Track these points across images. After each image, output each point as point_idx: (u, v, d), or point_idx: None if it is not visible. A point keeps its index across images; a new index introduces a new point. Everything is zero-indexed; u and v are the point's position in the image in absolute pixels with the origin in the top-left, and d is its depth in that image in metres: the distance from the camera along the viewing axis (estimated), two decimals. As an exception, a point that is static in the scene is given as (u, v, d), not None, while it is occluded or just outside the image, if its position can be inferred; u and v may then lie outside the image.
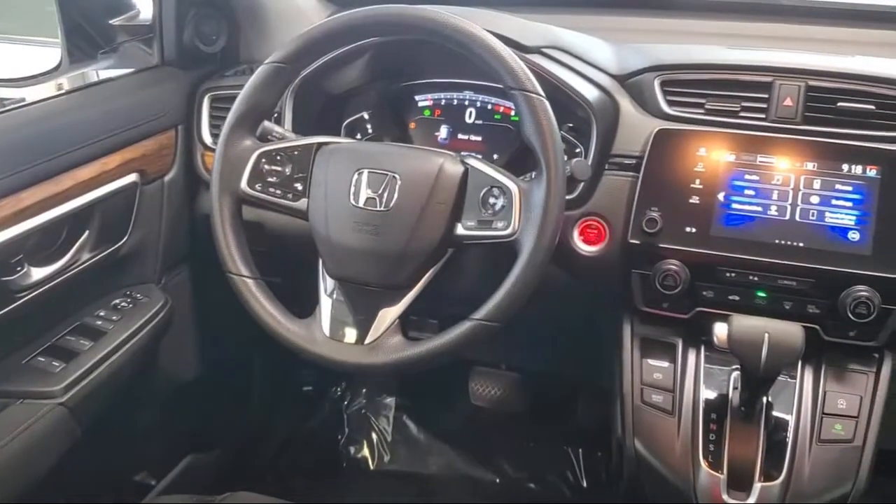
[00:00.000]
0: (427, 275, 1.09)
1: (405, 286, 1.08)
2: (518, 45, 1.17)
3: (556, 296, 1.20)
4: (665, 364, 1.14)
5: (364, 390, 2.01)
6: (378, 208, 1.06)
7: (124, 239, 1.31)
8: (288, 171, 1.12)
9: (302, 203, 1.12)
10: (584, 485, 1.83)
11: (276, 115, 1.26)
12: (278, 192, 1.12)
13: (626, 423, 1.13)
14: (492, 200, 1.05)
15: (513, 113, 1.31)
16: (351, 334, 1.09)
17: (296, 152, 1.12)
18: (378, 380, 2.00)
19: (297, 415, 2.00)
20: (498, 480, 1.86)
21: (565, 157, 1.03)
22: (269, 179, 1.13)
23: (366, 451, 1.94)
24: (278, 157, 1.12)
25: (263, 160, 1.12)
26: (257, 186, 1.12)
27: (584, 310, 1.29)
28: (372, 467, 1.92)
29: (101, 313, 1.30)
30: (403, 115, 1.39)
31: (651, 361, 1.15)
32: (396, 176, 1.06)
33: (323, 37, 1.11)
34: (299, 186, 1.12)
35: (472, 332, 1.03)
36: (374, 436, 1.96)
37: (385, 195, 1.06)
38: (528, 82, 1.03)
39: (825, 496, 1.06)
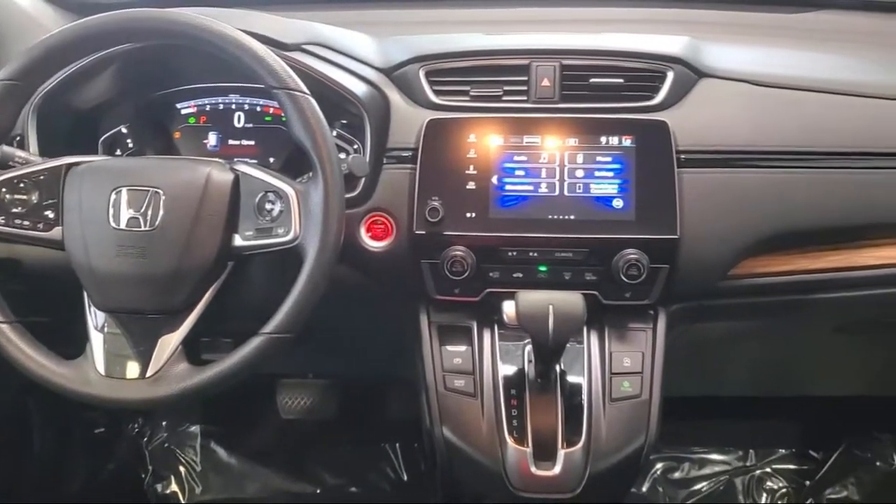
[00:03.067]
0: (208, 293, 1.03)
1: (184, 308, 1.01)
2: (276, 44, 1.12)
3: (350, 296, 1.18)
4: (463, 348, 1.16)
5: (164, 423, 1.89)
6: (142, 228, 0.98)
7: None
8: (35, 198, 1.02)
9: (56, 232, 1.02)
10: (405, 479, 1.84)
11: (17, 137, 1.14)
12: (26, 223, 1.01)
13: (432, 412, 1.14)
14: (268, 206, 1.01)
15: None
16: (132, 368, 1.01)
17: (42, 177, 1.02)
18: (178, 409, 1.88)
19: (92, 461, 1.83)
20: (318, 491, 1.83)
21: (343, 155, 1.01)
22: (14, 210, 1.01)
23: (174, 487, 1.83)
24: (21, 185, 1.01)
25: (4, 190, 1.01)
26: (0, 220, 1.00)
27: (380, 306, 1.27)
28: (184, 502, 1.81)
29: None
30: (166, 125, 1.31)
31: (449, 348, 1.16)
32: (159, 191, 0.99)
33: (58, 48, 1.01)
34: (51, 214, 1.02)
35: (263, 347, 0.98)
36: (181, 469, 1.85)
37: (149, 213, 0.98)
38: (290, 80, 0.99)
39: (623, 451, 1.11)
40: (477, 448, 1.10)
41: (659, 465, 1.90)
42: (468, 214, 1.12)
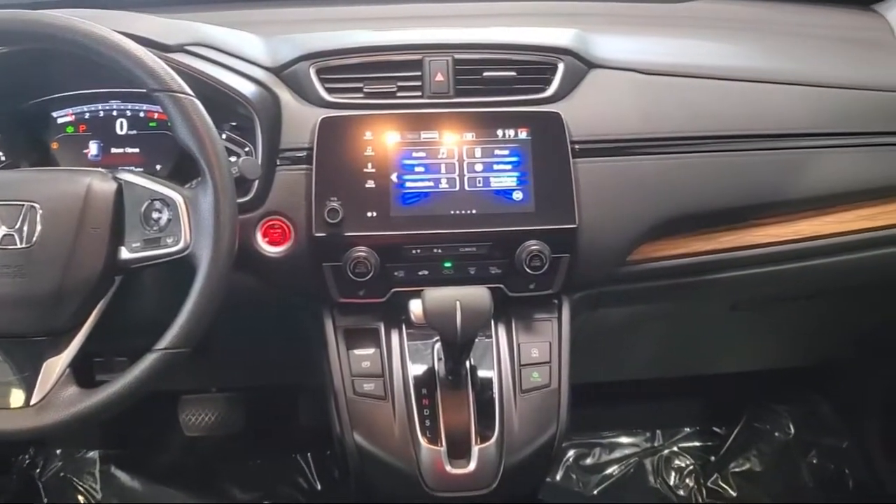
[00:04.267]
0: (95, 311, 0.97)
1: (70, 329, 0.95)
2: (157, 45, 1.08)
3: (250, 304, 1.14)
4: (371, 351, 1.13)
5: (58, 451, 1.78)
6: (18, 246, 0.92)
7: None
8: None
9: (-78, 255, 0.93)
10: (319, 488, 1.80)
11: None
12: None
13: (342, 419, 1.11)
14: (155, 215, 0.96)
15: (169, 119, 1.21)
16: (15, 396, 0.94)
17: None
18: (73, 436, 1.78)
19: (-22, 498, 1.72)
20: (230, 507, 1.76)
21: (234, 158, 0.98)
22: None
23: (74, 518, 1.72)
24: None
25: None
26: None
27: (282, 312, 1.24)
28: (85, 534, 1.72)
29: None
30: (41, 135, 1.23)
31: (357, 351, 1.13)
32: (35, 205, 0.93)
33: None
34: (-84, 237, 0.93)
35: (158, 364, 0.93)
36: (80, 498, 1.75)
37: (25, 229, 0.92)
38: (172, 82, 0.94)
39: (536, 442, 1.12)
40: (390, 452, 1.09)
41: (571, 453, 1.92)
42: (369, 214, 1.10)
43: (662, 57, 1.28)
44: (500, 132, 1.14)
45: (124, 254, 0.96)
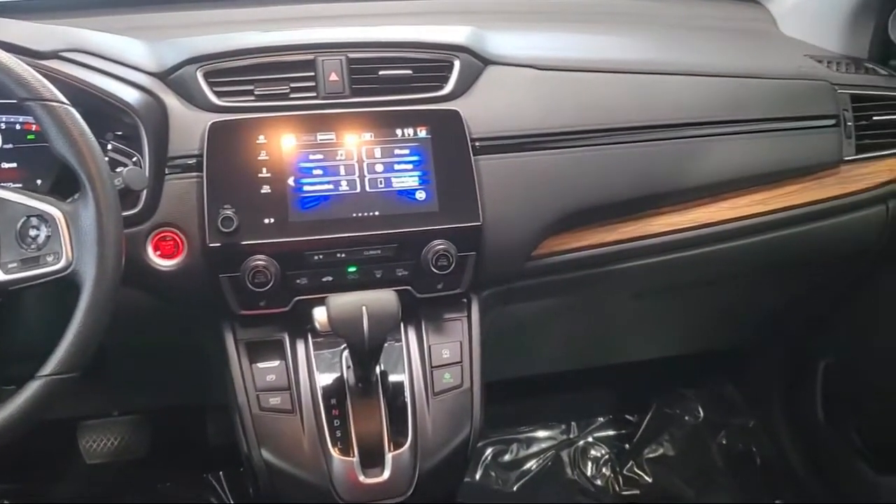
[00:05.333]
0: (-31, 338, 0.90)
1: (-54, 358, 0.87)
2: (28, 52, 1.01)
3: (144, 321, 1.09)
4: (276, 363, 1.09)
5: (-58, 492, 1.66)
6: None
7: None
8: None
9: None
10: (233, 506, 1.74)
11: None
12: None
13: (248, 436, 1.07)
14: (32, 233, 0.90)
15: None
16: None
17: None
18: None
19: None
20: (138, 535, 1.68)
21: (120, 169, 0.93)
22: None
23: (-35, 561, 1.61)
24: None
25: None
26: None
27: (180, 328, 1.18)
28: (-21, 577, 1.60)
29: None
30: None
31: (261, 365, 1.09)
32: None
33: None
34: None
35: (43, 391, 0.87)
36: (-27, 539, 1.63)
37: None
38: (44, 91, 0.88)
39: (451, 444, 1.10)
40: (300, 466, 1.05)
41: (489, 451, 1.92)
42: (266, 220, 1.06)
43: (557, 52, 1.29)
44: (399, 131, 1.12)
45: (0, 276, 0.89)
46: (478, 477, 1.89)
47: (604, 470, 1.92)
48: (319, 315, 1.03)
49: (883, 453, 1.69)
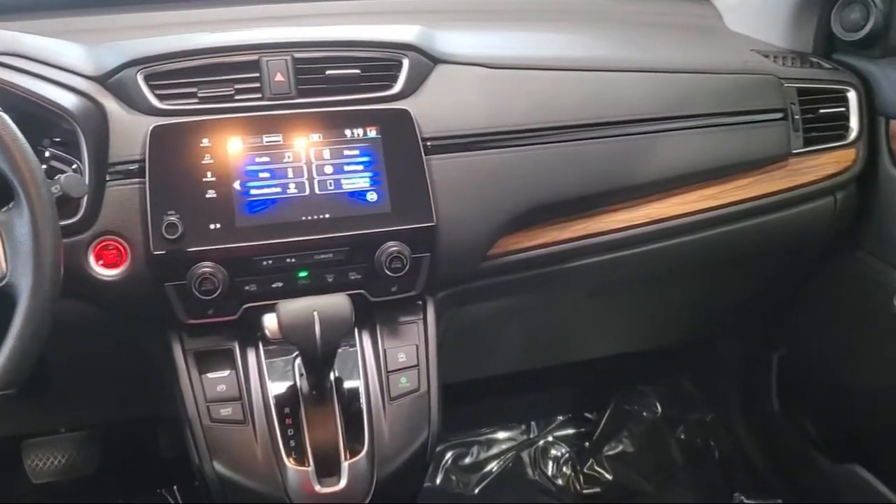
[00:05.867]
0: None
1: None
2: (-47, 57, 0.96)
3: (87, 333, 1.07)
4: (226, 373, 1.06)
5: None
6: None
7: None
8: None
9: None
10: (188, 521, 1.69)
11: None
12: None
13: (200, 449, 1.03)
14: None
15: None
16: None
17: None
18: None
19: None
20: (89, 556, 1.62)
21: (58, 176, 0.89)
22: None
23: None
24: None
25: None
26: None
27: (125, 340, 1.14)
28: None
29: None
30: None
31: (211, 375, 1.06)
32: None
33: None
34: None
35: (-23, 409, 0.83)
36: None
37: None
38: None
39: (409, 450, 1.09)
40: (254, 478, 1.02)
41: (449, 454, 1.91)
42: (212, 226, 1.03)
43: (507, 50, 1.28)
44: (348, 132, 1.10)
45: (-71, 290, 0.85)
46: (438, 481, 1.87)
47: (564, 469, 1.92)
48: (269, 322, 1.01)
49: (837, 443, 1.72)
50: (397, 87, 1.14)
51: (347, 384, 1.09)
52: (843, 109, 1.36)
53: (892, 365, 1.47)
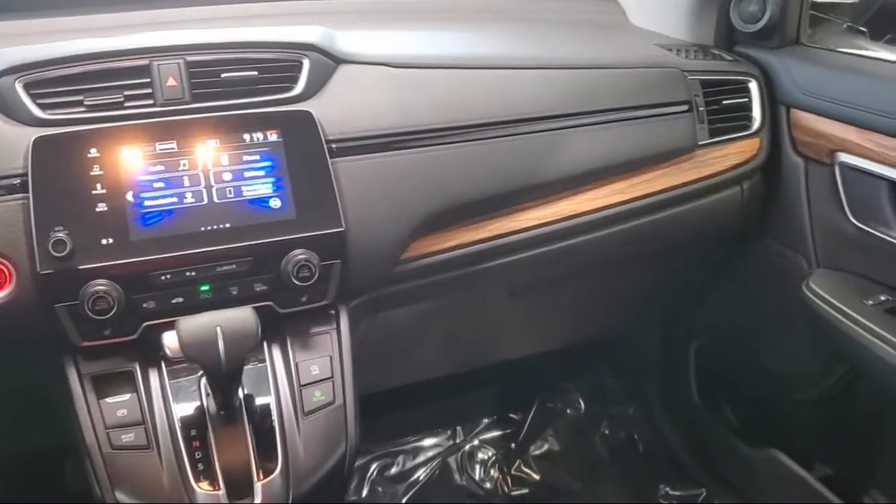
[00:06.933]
0: None
1: None
2: None
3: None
4: (126, 397, 1.00)
5: None
6: None
7: None
8: None
9: None
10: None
11: None
12: None
13: (100, 479, 0.97)
14: None
15: None
16: None
17: None
18: None
19: None
20: None
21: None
22: None
23: None
24: None
25: None
26: None
27: (14, 366, 1.07)
28: None
29: None
30: None
31: (110, 399, 0.99)
32: None
33: None
34: None
35: None
36: None
37: None
38: None
39: (326, 465, 1.05)
40: (160, 505, 0.96)
41: (374, 465, 1.86)
42: (104, 241, 0.97)
43: (413, 49, 1.26)
44: (247, 136, 1.05)
45: None
46: (364, 493, 1.83)
47: (492, 472, 1.90)
48: (169, 340, 0.96)
49: (754, 428, 1.75)
50: (298, 89, 1.10)
51: (258, 401, 1.04)
52: (745, 100, 1.38)
53: (804, 349, 1.51)
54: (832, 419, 1.57)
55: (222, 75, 1.08)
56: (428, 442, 1.94)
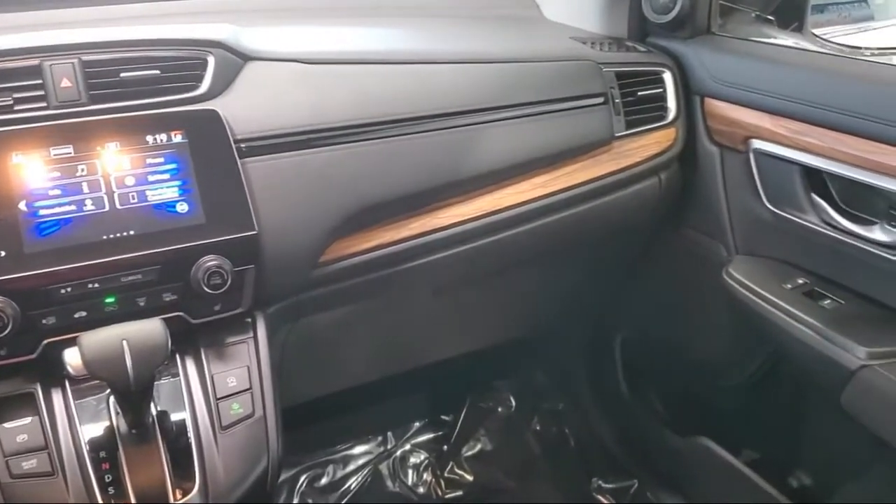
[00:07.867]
0: None
1: None
2: None
3: None
4: (27, 421, 0.93)
5: None
6: None
7: None
8: None
9: None
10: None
11: None
12: None
13: (-1, 511, 0.90)
14: None
15: None
16: None
17: None
18: None
19: None
20: None
21: None
22: None
23: None
24: None
25: None
26: None
27: None
28: None
29: None
30: None
31: (9, 424, 0.92)
32: None
33: None
34: None
35: None
36: None
37: None
38: None
39: (247, 480, 1.00)
40: (68, 535, 0.90)
41: (304, 476, 1.81)
42: (-5, 254, 0.90)
43: (325, 45, 1.23)
44: (149, 138, 0.99)
45: None
46: (294, 506, 1.78)
47: (425, 476, 1.87)
48: (71, 358, 0.90)
49: (682, 417, 1.77)
50: (203, 88, 1.05)
51: (173, 417, 0.98)
52: (660, 90, 1.39)
53: (726, 336, 1.53)
54: (757, 404, 1.60)
55: (121, 75, 1.02)
56: (359, 449, 1.90)
